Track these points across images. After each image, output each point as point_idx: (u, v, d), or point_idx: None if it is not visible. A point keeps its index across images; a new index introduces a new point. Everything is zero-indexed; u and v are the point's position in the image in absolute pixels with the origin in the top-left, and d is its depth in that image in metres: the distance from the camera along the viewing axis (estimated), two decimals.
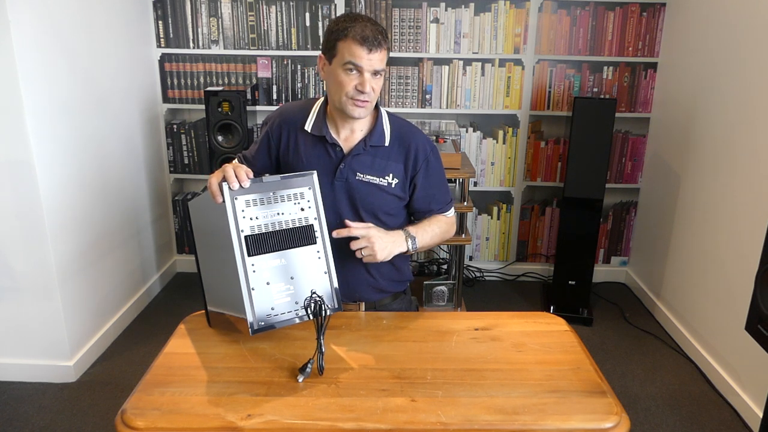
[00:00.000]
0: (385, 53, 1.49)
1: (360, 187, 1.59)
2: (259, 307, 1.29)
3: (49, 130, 2.44)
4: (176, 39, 3.40)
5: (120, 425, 1.17)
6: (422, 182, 1.65)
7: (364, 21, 1.47)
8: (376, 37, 1.45)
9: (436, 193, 1.69)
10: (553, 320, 1.58)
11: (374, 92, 1.51)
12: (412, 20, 3.35)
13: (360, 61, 1.46)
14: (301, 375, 1.28)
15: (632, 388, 2.68)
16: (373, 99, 1.52)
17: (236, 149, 3.12)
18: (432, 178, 1.66)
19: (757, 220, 2.39)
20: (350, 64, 1.47)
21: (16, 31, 2.22)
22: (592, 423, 1.18)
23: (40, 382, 2.61)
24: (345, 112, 1.53)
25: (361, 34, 1.45)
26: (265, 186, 1.35)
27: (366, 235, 1.49)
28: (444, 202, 1.72)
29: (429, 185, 1.66)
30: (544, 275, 3.75)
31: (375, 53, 1.46)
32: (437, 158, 1.68)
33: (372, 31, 1.46)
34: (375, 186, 1.60)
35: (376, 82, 1.51)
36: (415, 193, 1.66)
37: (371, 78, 1.49)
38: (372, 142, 1.59)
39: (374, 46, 1.45)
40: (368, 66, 1.47)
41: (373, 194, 1.60)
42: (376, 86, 1.51)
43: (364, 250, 1.49)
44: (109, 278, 2.96)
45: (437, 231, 1.67)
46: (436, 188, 1.68)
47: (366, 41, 1.45)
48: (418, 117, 3.47)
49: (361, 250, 1.49)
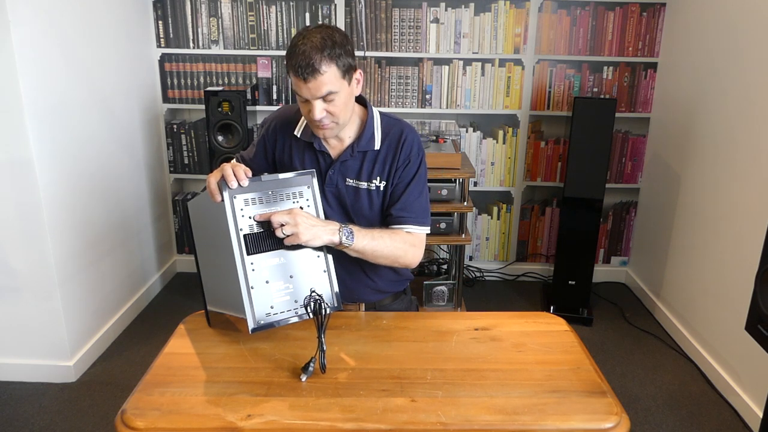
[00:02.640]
0: (324, 77, 1.37)
1: (349, 192, 1.58)
2: (259, 305, 1.29)
3: (49, 130, 2.44)
4: (176, 39, 3.40)
5: (120, 425, 1.17)
6: (395, 182, 1.57)
7: (305, 44, 1.37)
8: (309, 64, 1.35)
9: (402, 196, 1.56)
10: (553, 320, 1.58)
11: (333, 114, 1.44)
12: (412, 20, 3.35)
13: (300, 91, 1.41)
14: (304, 374, 1.28)
15: (632, 388, 2.68)
16: (336, 120, 1.46)
17: (236, 149, 3.12)
18: (404, 178, 1.56)
19: (757, 220, 2.39)
20: (299, 95, 1.43)
21: (16, 31, 2.22)
22: (592, 423, 1.18)
23: (40, 382, 2.61)
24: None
25: (295, 64, 1.36)
26: (263, 185, 1.35)
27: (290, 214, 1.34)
28: (408, 211, 1.56)
29: (398, 185, 1.57)
30: (544, 275, 3.75)
31: (311, 82, 1.37)
32: (420, 164, 1.58)
33: (305, 57, 1.35)
34: (364, 191, 1.58)
35: (332, 105, 1.42)
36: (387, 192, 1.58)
37: (321, 104, 1.41)
38: (360, 147, 1.55)
39: (308, 74, 1.36)
40: (308, 95, 1.40)
41: (363, 199, 1.58)
42: (334, 109, 1.43)
43: (286, 228, 1.33)
44: (109, 278, 2.96)
45: (387, 242, 1.51)
46: (403, 191, 1.56)
47: (298, 72, 1.37)
48: (418, 117, 3.47)
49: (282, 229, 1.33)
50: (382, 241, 1.50)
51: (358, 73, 1.48)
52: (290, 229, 1.33)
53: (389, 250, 1.52)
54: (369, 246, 1.48)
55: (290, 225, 1.33)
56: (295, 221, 1.33)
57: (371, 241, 1.48)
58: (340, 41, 1.40)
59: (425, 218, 1.60)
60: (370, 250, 1.48)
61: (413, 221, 1.57)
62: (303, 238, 1.34)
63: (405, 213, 1.56)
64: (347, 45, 1.43)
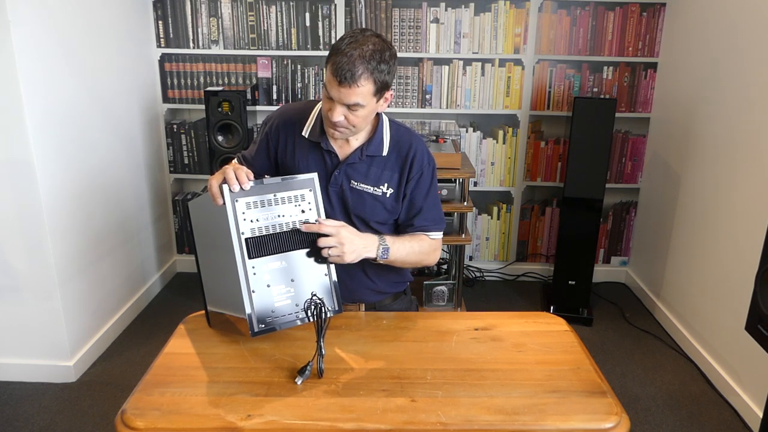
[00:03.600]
0: (359, 90, 1.38)
1: (353, 194, 1.58)
2: (260, 309, 1.29)
3: (49, 130, 2.44)
4: (176, 39, 3.40)
5: (120, 425, 1.17)
6: (411, 192, 1.60)
7: (355, 48, 1.37)
8: (350, 71, 1.35)
9: (423, 207, 1.61)
10: (553, 320, 1.58)
11: (350, 122, 1.44)
12: (412, 20, 3.35)
13: (330, 90, 1.41)
14: (300, 377, 1.28)
15: (632, 388, 2.68)
16: (350, 128, 1.46)
17: (236, 149, 3.12)
18: (421, 189, 1.60)
19: (757, 220, 2.39)
20: (326, 89, 1.43)
21: (16, 31, 2.22)
22: (592, 423, 1.18)
23: (40, 382, 2.61)
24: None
25: (338, 63, 1.36)
26: (265, 188, 1.35)
27: (336, 234, 1.39)
28: (429, 219, 1.63)
29: (416, 196, 1.60)
30: (544, 275, 3.75)
31: (345, 88, 1.37)
32: (432, 173, 1.62)
33: (349, 62, 1.35)
34: (369, 195, 1.58)
35: (354, 115, 1.42)
36: (403, 203, 1.61)
37: (344, 109, 1.42)
38: (369, 151, 1.56)
39: (345, 80, 1.36)
40: (337, 97, 1.40)
41: (366, 203, 1.58)
42: (354, 119, 1.43)
43: (332, 249, 1.37)
44: (109, 278, 2.96)
45: (416, 249, 1.59)
46: (423, 202, 1.61)
47: (337, 73, 1.37)
48: (418, 117, 3.47)
49: (328, 249, 1.38)
50: (411, 249, 1.58)
51: (389, 93, 1.49)
52: (336, 251, 1.38)
53: (417, 256, 1.61)
54: (401, 256, 1.56)
55: (336, 248, 1.38)
56: (341, 243, 1.39)
57: (403, 252, 1.56)
58: (388, 59, 1.42)
59: (443, 222, 1.68)
60: (401, 259, 1.57)
61: (435, 228, 1.65)
62: (347, 260, 1.41)
63: (427, 222, 1.63)
64: (393, 65, 1.44)
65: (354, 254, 1.42)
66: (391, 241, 1.53)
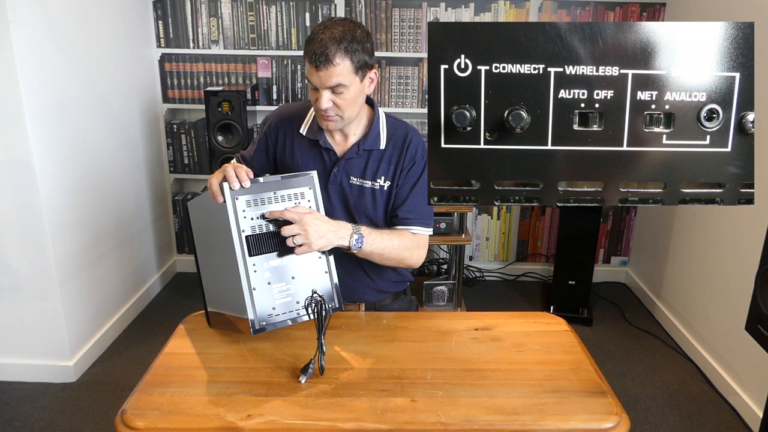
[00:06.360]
0: (336, 69, 1.39)
1: (353, 190, 1.58)
2: (261, 307, 1.29)
3: (49, 130, 2.44)
4: (176, 39, 3.40)
5: (120, 425, 1.16)
6: (400, 183, 1.58)
7: (325, 31, 1.39)
8: (323, 53, 1.37)
9: (408, 198, 1.57)
10: (553, 320, 1.58)
11: (339, 108, 1.45)
12: (412, 20, 3.35)
13: (311, 78, 1.43)
14: (303, 375, 1.28)
15: (632, 388, 2.68)
16: (341, 114, 1.47)
17: (236, 149, 3.12)
18: (409, 180, 1.58)
19: (757, 220, 2.39)
20: (309, 81, 1.45)
21: (16, 31, 2.22)
22: (592, 423, 1.17)
23: (40, 382, 2.61)
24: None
25: (311, 50, 1.39)
26: (265, 186, 1.35)
27: (299, 221, 1.33)
28: (414, 213, 1.57)
29: (404, 186, 1.58)
30: (544, 275, 3.75)
31: (322, 71, 1.39)
32: (424, 167, 1.57)
33: (321, 46, 1.37)
34: (368, 189, 1.58)
35: (340, 98, 1.43)
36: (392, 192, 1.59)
37: (330, 94, 1.42)
38: (365, 146, 1.56)
39: (321, 63, 1.38)
40: (318, 83, 1.42)
41: (366, 198, 1.58)
42: (341, 102, 1.44)
43: (297, 238, 1.32)
44: (109, 278, 2.96)
45: (395, 244, 1.52)
46: (409, 192, 1.58)
47: (312, 58, 1.39)
48: (418, 117, 3.47)
49: (292, 238, 1.33)
50: (390, 243, 1.52)
51: (373, 72, 1.50)
52: (301, 239, 1.33)
53: (396, 252, 1.53)
54: (377, 249, 1.49)
55: (301, 236, 1.33)
56: (305, 230, 1.33)
57: (380, 244, 1.49)
58: (360, 37, 1.42)
59: (430, 220, 1.61)
60: (378, 252, 1.50)
61: (419, 223, 1.58)
62: (315, 247, 1.35)
63: (411, 215, 1.57)
64: (366, 42, 1.44)
65: (323, 240, 1.35)
66: (367, 231, 1.47)
